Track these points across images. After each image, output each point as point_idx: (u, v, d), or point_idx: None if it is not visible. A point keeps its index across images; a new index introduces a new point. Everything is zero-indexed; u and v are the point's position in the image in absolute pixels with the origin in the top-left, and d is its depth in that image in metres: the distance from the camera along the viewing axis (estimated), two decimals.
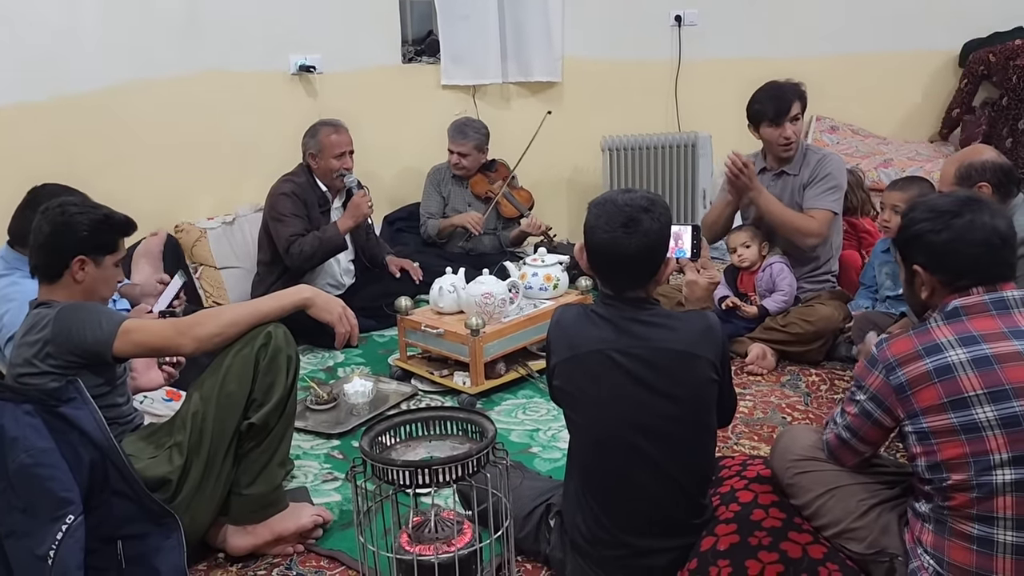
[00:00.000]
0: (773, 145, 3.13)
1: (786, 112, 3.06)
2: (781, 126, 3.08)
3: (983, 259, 1.64)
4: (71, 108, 3.25)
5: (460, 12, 4.47)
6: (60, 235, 2.01)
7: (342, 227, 3.45)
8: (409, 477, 1.48)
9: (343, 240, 3.48)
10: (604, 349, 1.74)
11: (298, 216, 3.44)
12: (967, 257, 1.64)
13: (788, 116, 3.07)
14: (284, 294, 2.16)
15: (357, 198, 3.46)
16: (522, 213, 4.16)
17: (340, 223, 3.46)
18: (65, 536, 1.78)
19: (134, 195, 3.20)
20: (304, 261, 3.42)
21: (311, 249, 3.40)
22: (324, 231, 3.43)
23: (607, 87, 4.71)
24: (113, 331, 1.97)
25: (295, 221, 3.42)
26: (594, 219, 1.75)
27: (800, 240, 3.11)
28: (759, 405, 2.82)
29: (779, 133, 3.09)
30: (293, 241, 3.39)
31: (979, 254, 1.64)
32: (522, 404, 2.91)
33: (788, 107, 3.06)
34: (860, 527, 1.78)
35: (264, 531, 2.10)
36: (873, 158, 4.45)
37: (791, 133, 3.09)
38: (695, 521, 1.86)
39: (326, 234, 3.43)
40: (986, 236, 1.64)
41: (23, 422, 1.84)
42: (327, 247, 3.44)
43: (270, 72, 4.02)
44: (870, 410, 1.70)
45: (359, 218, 3.47)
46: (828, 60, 4.64)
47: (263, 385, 2.04)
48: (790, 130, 3.09)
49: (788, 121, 3.07)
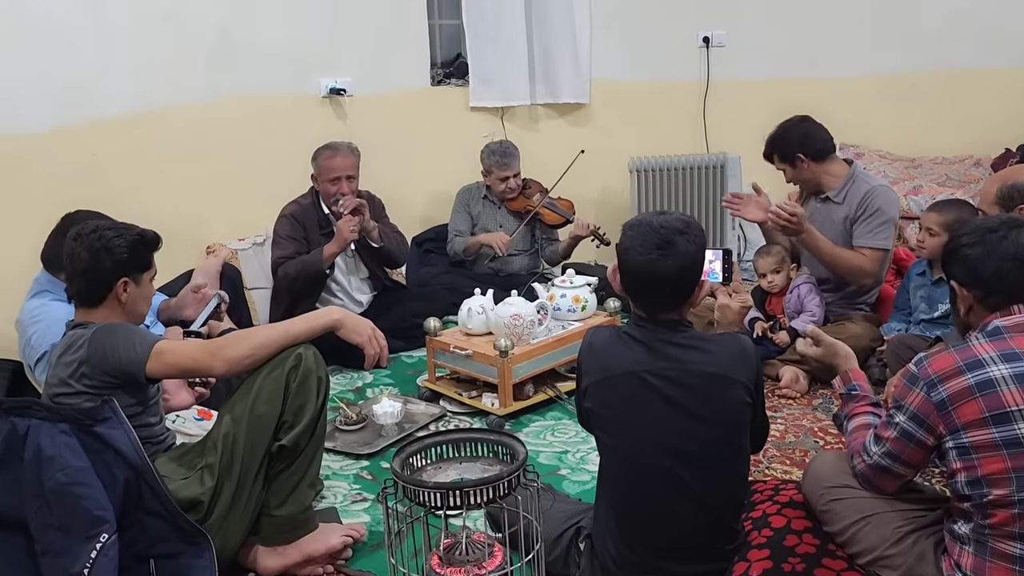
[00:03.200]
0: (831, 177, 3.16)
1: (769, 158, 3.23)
2: None
3: (1012, 274, 1.65)
4: (105, 132, 3.32)
5: (488, 35, 4.52)
6: (100, 261, 2.04)
7: (326, 253, 3.46)
8: (440, 499, 1.48)
9: (324, 266, 3.48)
10: (637, 371, 1.73)
11: (293, 239, 3.49)
12: (997, 272, 1.66)
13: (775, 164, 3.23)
14: (314, 316, 2.17)
15: (341, 223, 3.46)
16: (567, 219, 4.16)
17: (326, 248, 3.47)
18: (99, 554, 1.80)
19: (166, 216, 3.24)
20: (289, 284, 3.46)
21: (294, 272, 3.44)
22: (310, 255, 3.46)
23: (635, 108, 4.73)
24: (146, 352, 2.00)
25: (288, 243, 3.48)
26: (628, 241, 1.74)
27: (856, 280, 3.09)
28: (791, 428, 2.79)
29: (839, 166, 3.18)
30: (280, 263, 3.45)
31: (1009, 269, 1.65)
32: (551, 426, 2.90)
33: (768, 157, 3.23)
34: (895, 554, 1.75)
35: (294, 552, 2.10)
36: (902, 184, 4.38)
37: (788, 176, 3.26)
38: (727, 547, 1.83)
39: (309, 258, 3.46)
40: (1016, 251, 1.65)
41: (59, 441, 1.86)
42: (308, 271, 3.45)
43: (301, 95, 4.08)
44: (911, 431, 1.67)
45: (342, 244, 3.46)
46: (855, 81, 4.63)
47: (293, 407, 2.05)
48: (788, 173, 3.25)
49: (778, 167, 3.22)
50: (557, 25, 4.62)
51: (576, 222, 4.11)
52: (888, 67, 4.69)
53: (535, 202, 4.13)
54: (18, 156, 2.99)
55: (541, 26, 4.61)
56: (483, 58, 4.54)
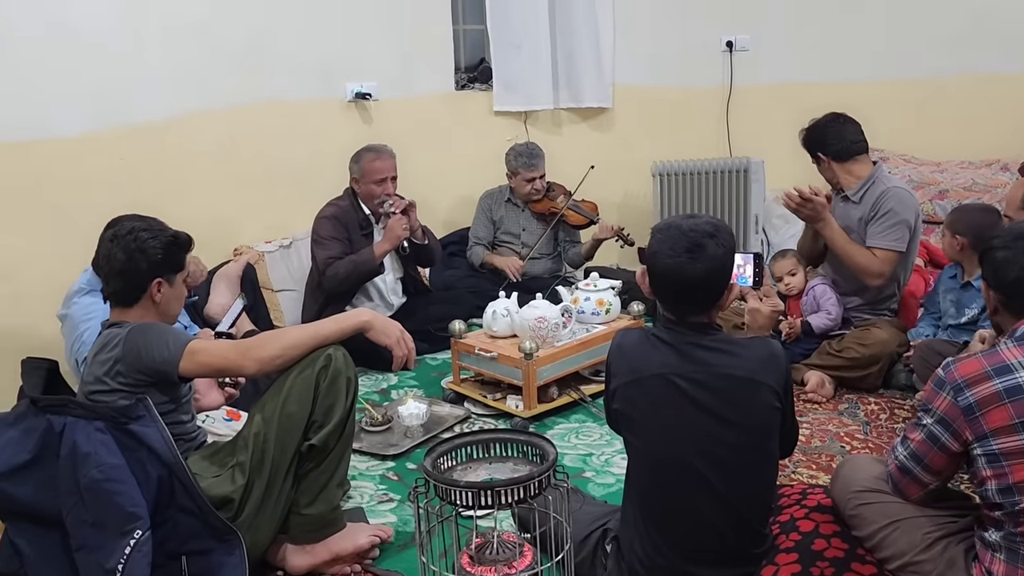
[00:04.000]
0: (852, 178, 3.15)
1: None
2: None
3: None
4: (136, 137, 3.36)
5: (512, 40, 4.54)
6: (136, 261, 2.08)
7: (378, 251, 3.51)
8: (472, 498, 1.49)
9: (377, 264, 3.52)
10: (666, 373, 1.74)
11: (337, 239, 3.51)
12: (1017, 280, 1.67)
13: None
14: (344, 317, 2.20)
15: (393, 222, 3.51)
16: (591, 220, 4.16)
17: (376, 247, 3.52)
18: (133, 550, 1.83)
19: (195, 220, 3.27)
20: (339, 284, 3.48)
21: (345, 272, 3.46)
22: (360, 255, 3.49)
23: (657, 113, 4.74)
24: (180, 351, 2.03)
25: (333, 244, 3.50)
26: (658, 244, 1.75)
27: (864, 279, 3.06)
28: (816, 433, 2.78)
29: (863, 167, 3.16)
30: (329, 263, 3.46)
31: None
32: (575, 428, 2.90)
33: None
34: (925, 560, 1.74)
35: (323, 550, 2.12)
36: (928, 188, 4.35)
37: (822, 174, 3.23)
38: (755, 551, 1.83)
39: (360, 257, 3.48)
40: None
41: (95, 439, 1.90)
42: (360, 270, 3.49)
43: (327, 100, 4.11)
44: (937, 434, 1.67)
45: (394, 241, 3.52)
46: (879, 84, 4.60)
47: (323, 407, 2.07)
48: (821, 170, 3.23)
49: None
50: (580, 30, 4.63)
51: (600, 224, 4.11)
52: (913, 71, 4.65)
53: (559, 204, 4.14)
54: (53, 161, 3.04)
55: (564, 31, 4.63)
56: (507, 63, 4.57)
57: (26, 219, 2.97)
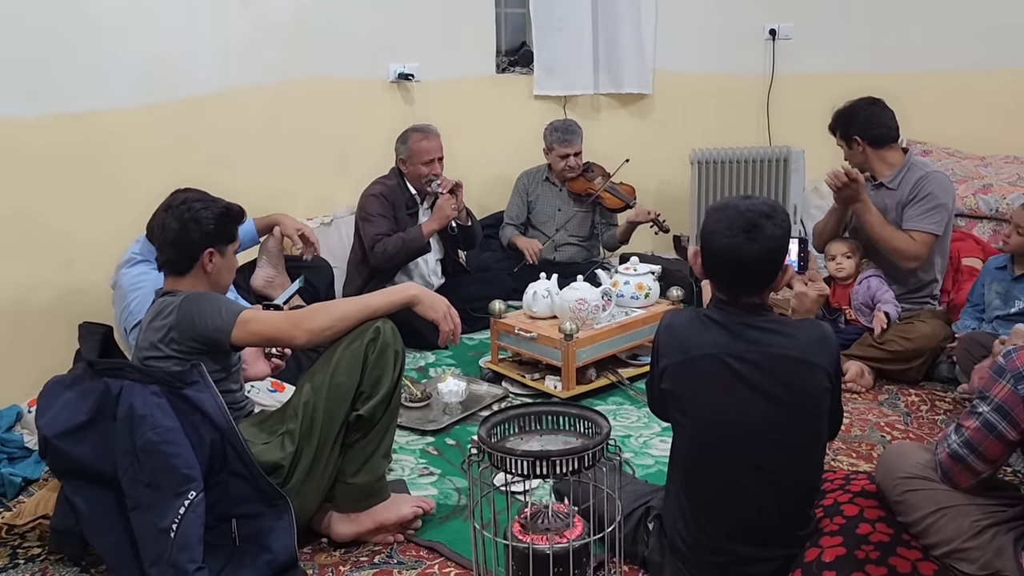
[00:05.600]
0: (884, 165, 3.13)
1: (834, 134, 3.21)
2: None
3: None
4: (188, 110, 3.41)
5: (554, 24, 4.54)
6: (189, 231, 2.12)
7: (426, 230, 3.54)
8: (528, 467, 1.51)
9: (425, 242, 3.56)
10: (718, 353, 1.74)
11: (385, 217, 3.54)
12: None
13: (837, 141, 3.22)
14: (392, 291, 2.22)
15: (442, 201, 3.54)
16: (627, 203, 4.15)
17: (424, 226, 3.55)
18: (188, 511, 1.87)
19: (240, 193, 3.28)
20: (387, 260, 3.51)
21: (394, 249, 3.49)
22: (408, 232, 3.52)
23: (698, 100, 4.71)
24: (232, 320, 2.07)
25: (381, 221, 3.53)
26: (714, 224, 1.75)
27: (899, 261, 3.05)
28: (856, 423, 2.77)
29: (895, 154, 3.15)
30: (378, 240, 3.49)
31: None
32: (613, 411, 2.92)
33: (832, 132, 3.21)
34: (972, 547, 1.74)
35: (367, 519, 2.16)
36: (971, 183, 4.29)
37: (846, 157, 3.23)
38: (799, 532, 1.84)
39: (409, 235, 3.51)
40: None
41: (151, 402, 1.94)
42: (409, 247, 3.52)
43: (370, 79, 4.14)
44: (994, 422, 1.66)
45: (443, 221, 3.54)
46: (923, 75, 4.54)
47: (371, 378, 2.10)
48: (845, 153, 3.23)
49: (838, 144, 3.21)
50: (623, 15, 4.61)
51: (636, 208, 4.10)
52: (957, 63, 4.59)
53: (596, 186, 4.13)
54: (108, 132, 3.09)
55: (607, 16, 4.61)
56: (548, 47, 4.57)
57: (80, 188, 3.02)
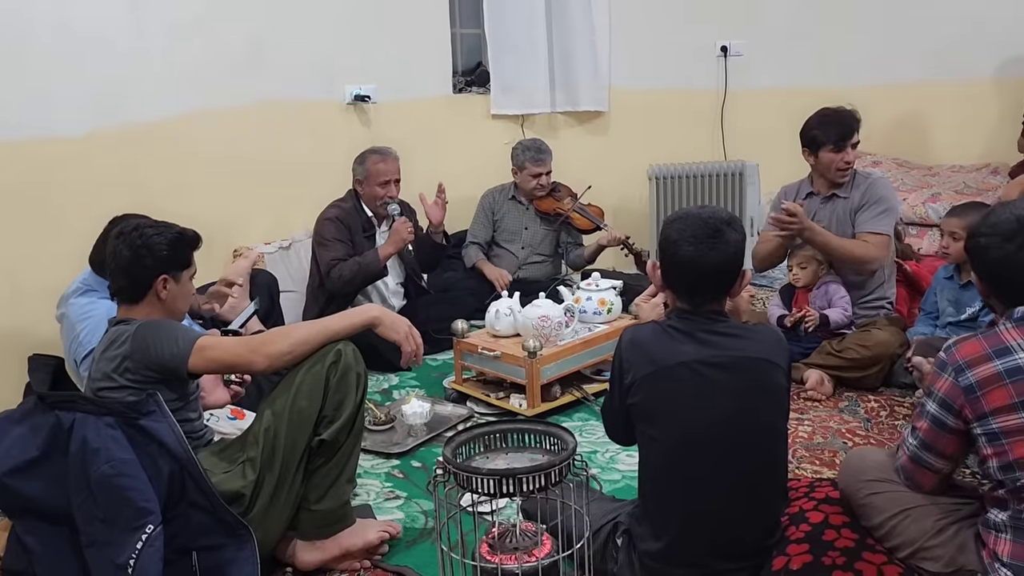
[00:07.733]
0: (831, 170, 3.14)
1: (849, 137, 3.10)
2: (843, 151, 3.10)
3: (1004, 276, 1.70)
4: (139, 137, 3.35)
5: (510, 43, 4.58)
6: (141, 257, 2.08)
7: (382, 254, 3.51)
8: (494, 485, 1.50)
9: (382, 267, 3.53)
10: (688, 361, 1.75)
11: (341, 241, 3.51)
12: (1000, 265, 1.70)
13: (850, 142, 3.10)
14: (353, 313, 2.20)
15: (398, 224, 3.52)
16: (598, 225, 4.14)
17: (381, 250, 3.52)
18: (145, 545, 1.82)
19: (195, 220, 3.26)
20: (344, 285, 3.48)
21: (350, 274, 3.46)
22: (364, 257, 3.49)
23: (653, 116, 4.78)
24: (189, 347, 2.02)
25: (337, 246, 3.50)
26: (677, 234, 1.76)
27: (862, 267, 3.10)
28: (818, 430, 2.80)
29: (840, 158, 3.11)
30: (333, 265, 3.46)
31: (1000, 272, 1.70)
32: (578, 427, 2.91)
33: (851, 133, 3.10)
34: (936, 545, 1.76)
35: (332, 547, 2.12)
36: (920, 192, 4.40)
37: (852, 158, 3.13)
38: (767, 542, 1.85)
39: (366, 259, 3.49)
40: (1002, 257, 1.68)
41: (104, 434, 1.89)
42: (366, 272, 3.49)
43: (326, 101, 4.13)
44: (942, 417, 1.70)
45: (399, 244, 3.52)
46: (872, 90, 4.63)
47: (333, 402, 2.07)
48: (851, 155, 3.12)
49: (849, 147, 3.10)
50: (577, 34, 4.67)
51: (608, 232, 4.09)
52: (904, 76, 4.71)
53: (565, 205, 4.13)
54: (54, 161, 3.03)
55: (561, 34, 4.67)
56: (504, 66, 4.60)
57: (27, 218, 2.95)
